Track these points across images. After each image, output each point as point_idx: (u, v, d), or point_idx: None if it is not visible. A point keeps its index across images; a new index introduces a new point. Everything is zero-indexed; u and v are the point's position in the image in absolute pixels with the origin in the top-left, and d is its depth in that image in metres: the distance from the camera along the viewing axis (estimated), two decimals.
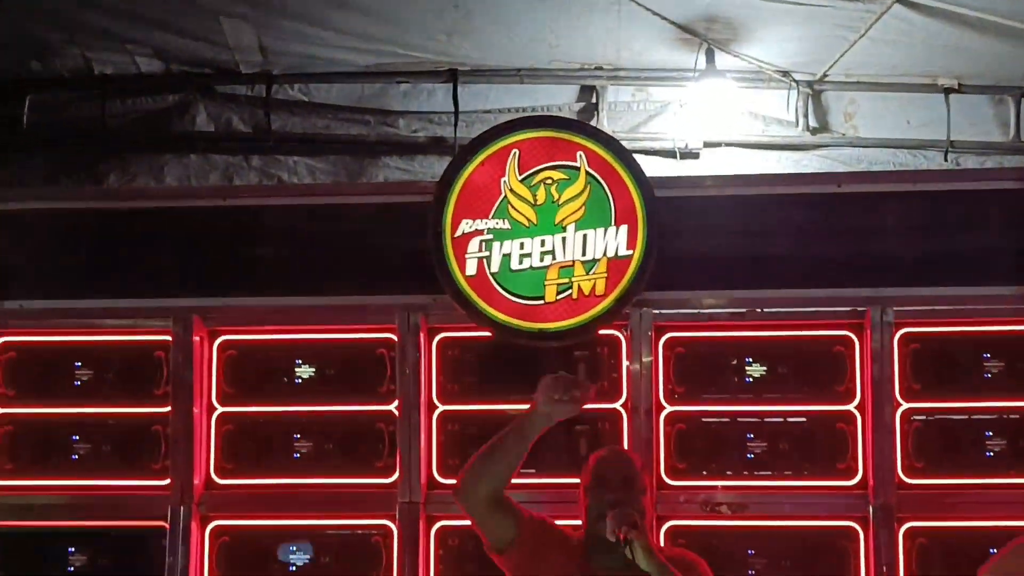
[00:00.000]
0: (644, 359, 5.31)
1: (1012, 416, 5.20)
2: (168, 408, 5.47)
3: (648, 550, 4.27)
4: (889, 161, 6.26)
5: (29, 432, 5.59)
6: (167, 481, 5.44)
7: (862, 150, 6.39)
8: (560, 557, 4.53)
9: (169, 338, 5.49)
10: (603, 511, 4.38)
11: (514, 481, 5.03)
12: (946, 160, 6.21)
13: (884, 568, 5.08)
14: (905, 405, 5.21)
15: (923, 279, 5.24)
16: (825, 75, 6.35)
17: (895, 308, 5.21)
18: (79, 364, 5.58)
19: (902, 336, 5.23)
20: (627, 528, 4.25)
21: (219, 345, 5.54)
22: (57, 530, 5.50)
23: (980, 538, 5.10)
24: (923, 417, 5.23)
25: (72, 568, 5.48)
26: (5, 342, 5.60)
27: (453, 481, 5.23)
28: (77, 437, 5.55)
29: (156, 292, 5.54)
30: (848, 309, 5.26)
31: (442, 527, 5.35)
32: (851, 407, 5.26)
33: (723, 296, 5.35)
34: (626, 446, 5.28)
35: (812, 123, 6.42)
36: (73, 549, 5.49)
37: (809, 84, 6.39)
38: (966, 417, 5.23)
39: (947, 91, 6.30)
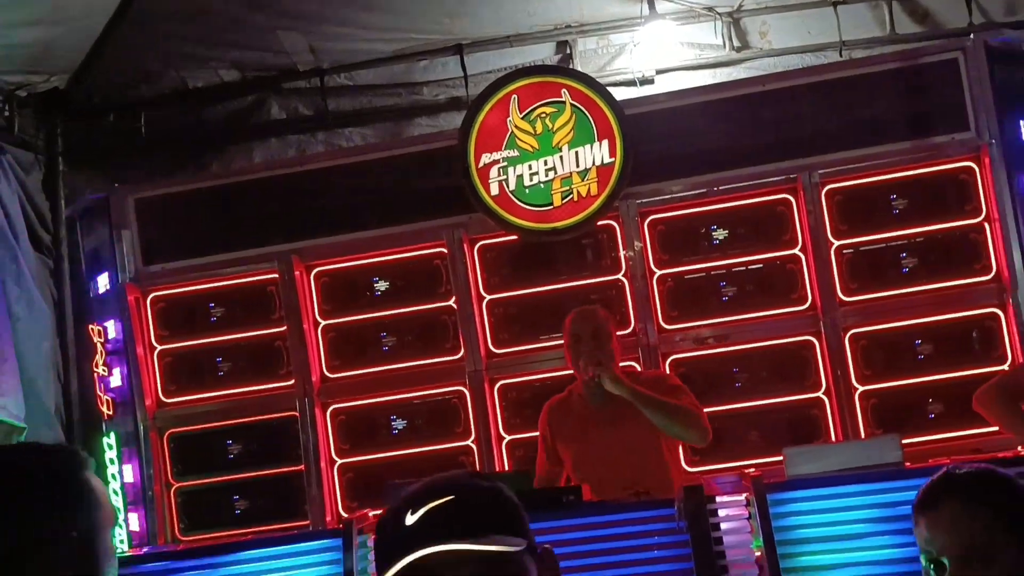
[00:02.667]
0: (634, 239, 5.39)
1: (918, 240, 5.24)
2: (284, 328, 5.59)
3: (614, 379, 4.24)
4: (798, 64, 6.22)
5: (183, 361, 5.73)
6: (292, 381, 5.58)
7: (777, 59, 6.32)
8: (572, 419, 4.49)
9: (276, 275, 5.60)
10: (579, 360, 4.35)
11: (552, 344, 5.19)
12: (841, 56, 6.19)
13: (837, 369, 5.19)
14: (837, 243, 5.26)
15: (837, 146, 5.28)
16: (741, 6, 6.31)
17: (819, 171, 5.25)
18: (212, 305, 5.71)
19: (827, 191, 5.27)
20: (593, 367, 4.26)
21: (315, 275, 5.65)
22: (216, 430, 5.67)
23: (907, 333, 5.22)
24: (852, 250, 5.27)
25: (232, 456, 5.66)
26: (155, 296, 5.73)
27: (506, 351, 5.43)
28: (220, 359, 5.69)
29: (261, 243, 5.66)
30: (783, 177, 5.30)
31: (502, 385, 5.48)
32: (796, 251, 5.33)
33: (687, 182, 5.38)
34: (629, 306, 5.38)
35: (736, 44, 6.38)
36: (230, 441, 5.66)
37: (729, 15, 6.35)
38: (884, 245, 5.27)
39: (835, 4, 6.23)
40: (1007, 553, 2.19)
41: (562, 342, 4.49)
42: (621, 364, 4.51)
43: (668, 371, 5.30)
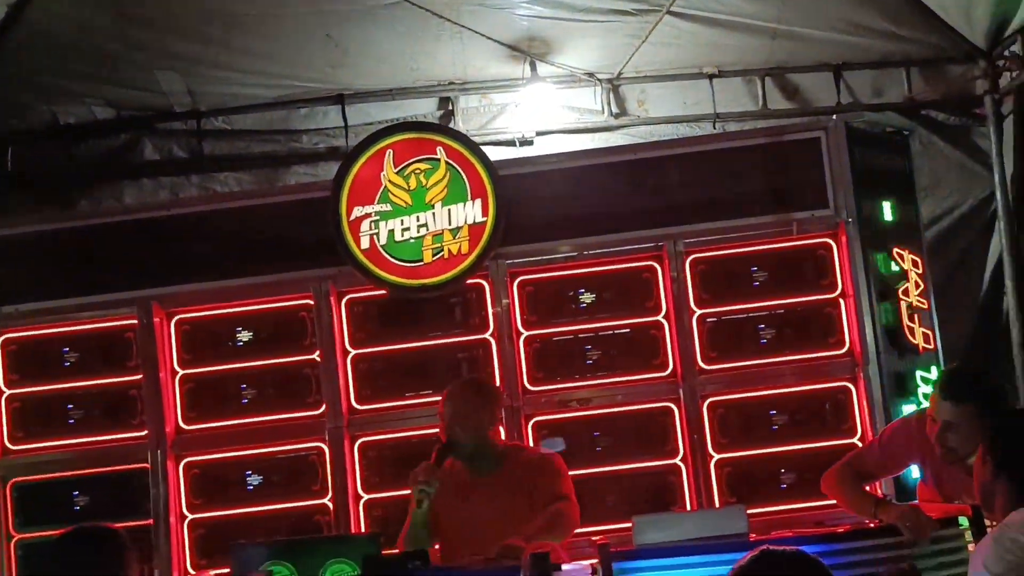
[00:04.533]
0: (503, 299, 5.38)
1: (777, 312, 5.33)
2: (140, 376, 5.44)
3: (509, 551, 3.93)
4: (673, 133, 6.35)
5: (33, 406, 5.52)
6: (145, 432, 5.41)
7: (653, 127, 6.46)
8: (453, 485, 4.35)
9: (135, 321, 5.46)
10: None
11: (416, 402, 5.19)
12: (714, 128, 6.33)
13: (694, 434, 5.23)
14: (699, 311, 5.31)
15: (704, 216, 5.35)
16: (620, 73, 6.41)
17: (684, 240, 5.31)
18: (67, 349, 5.52)
19: (692, 260, 5.33)
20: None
21: (175, 323, 5.51)
22: (63, 480, 5.46)
23: (762, 403, 5.29)
24: (713, 319, 5.34)
25: (78, 507, 5.44)
26: (6, 339, 5.53)
27: (369, 407, 5.37)
28: (71, 406, 5.50)
29: (123, 287, 5.50)
30: (650, 245, 5.35)
31: (363, 443, 5.39)
32: (659, 317, 5.36)
33: (559, 244, 5.41)
34: (495, 366, 5.35)
35: (614, 110, 6.48)
36: (77, 493, 5.46)
37: (609, 81, 6.44)
38: (744, 315, 5.34)
39: (711, 77, 6.40)
40: None
41: (425, 400, 4.43)
42: (501, 439, 4.49)
43: (530, 433, 5.29)
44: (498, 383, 5.31)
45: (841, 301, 5.26)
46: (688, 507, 5.17)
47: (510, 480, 4.31)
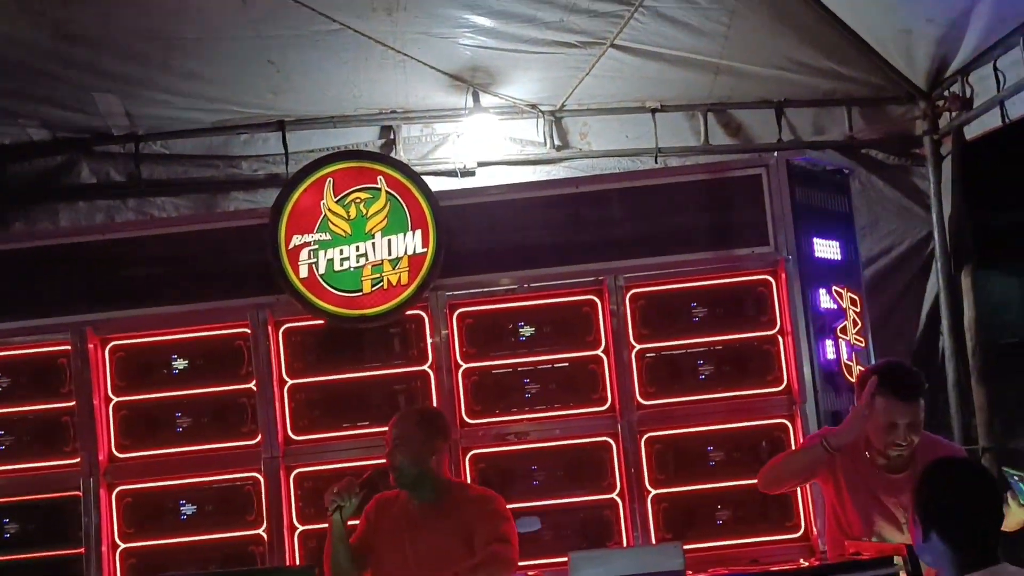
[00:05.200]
0: (442, 331, 5.35)
1: (716, 348, 5.34)
2: (73, 403, 5.35)
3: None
4: (615, 167, 6.39)
5: None
6: (77, 459, 5.32)
7: (594, 160, 6.51)
8: (395, 519, 4.39)
9: (68, 347, 5.37)
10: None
11: (353, 433, 5.15)
12: (656, 162, 6.38)
13: (632, 469, 5.22)
14: (638, 347, 5.32)
15: (644, 251, 5.36)
16: (563, 105, 6.45)
17: (624, 275, 5.32)
18: None
19: (632, 295, 5.34)
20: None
21: (110, 349, 5.43)
22: None
23: (700, 439, 5.29)
24: (652, 355, 5.34)
25: (8, 535, 5.34)
26: None
27: (305, 438, 5.32)
28: (2, 432, 5.40)
29: (57, 312, 5.41)
30: (591, 279, 5.35)
31: (299, 473, 5.33)
32: (599, 352, 5.36)
33: (499, 277, 5.38)
34: (433, 398, 5.32)
35: (556, 142, 6.51)
36: (7, 520, 5.35)
37: (552, 113, 6.48)
38: (683, 352, 5.35)
39: (653, 111, 6.46)
40: None
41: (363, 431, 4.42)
42: (445, 474, 4.44)
43: (468, 466, 5.27)
44: None
45: (780, 338, 5.29)
46: (624, 543, 5.16)
47: (449, 516, 4.29)
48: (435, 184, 5.68)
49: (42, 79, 6.05)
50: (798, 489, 5.11)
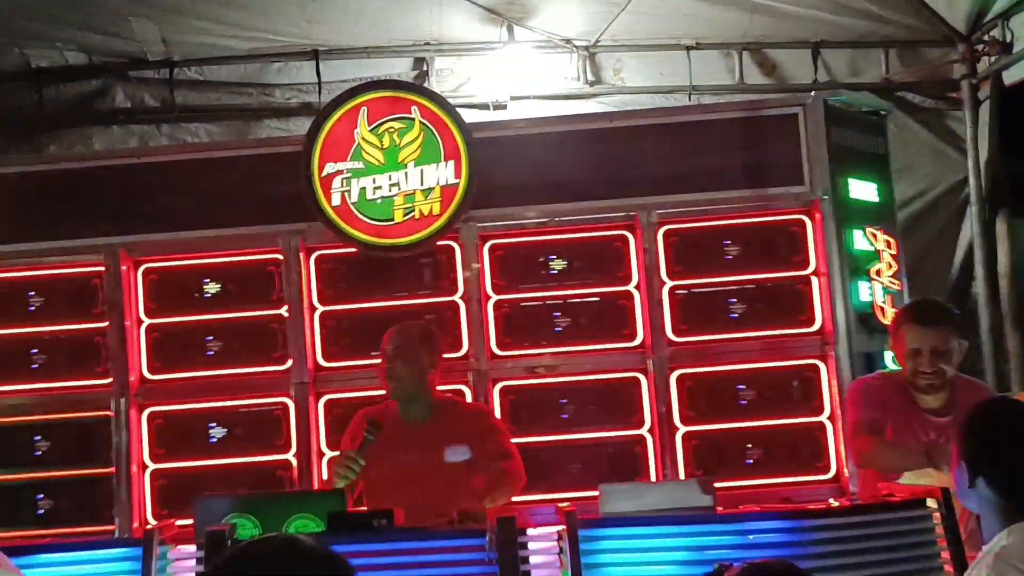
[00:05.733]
0: (473, 262, 5.30)
1: (749, 287, 5.28)
2: (106, 323, 5.32)
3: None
4: (648, 104, 6.28)
5: None
6: (109, 380, 5.30)
7: (628, 96, 6.39)
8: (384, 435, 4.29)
9: (102, 268, 5.33)
10: None
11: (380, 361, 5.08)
12: (690, 101, 6.27)
13: (662, 406, 5.18)
14: (670, 283, 5.25)
15: (677, 188, 5.28)
16: (598, 41, 6.33)
17: (657, 211, 5.24)
18: (32, 293, 5.39)
19: (664, 232, 5.27)
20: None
21: (143, 272, 5.39)
22: (23, 424, 5.34)
23: (730, 378, 5.24)
24: (684, 292, 5.28)
25: (39, 452, 5.34)
26: None
27: (335, 365, 5.29)
28: (36, 351, 5.38)
29: (90, 234, 5.37)
30: (623, 214, 5.28)
31: (328, 400, 5.31)
32: (630, 287, 5.30)
33: (530, 210, 5.32)
34: (463, 328, 5.28)
35: (590, 78, 6.40)
36: (39, 438, 5.35)
37: (586, 49, 6.37)
38: (715, 289, 5.29)
39: (688, 49, 6.34)
40: None
41: None
42: (441, 388, 4.43)
43: (497, 397, 5.23)
44: (466, 347, 5.27)
45: (813, 279, 5.21)
46: (653, 479, 5.13)
47: (443, 433, 4.27)
48: (467, 117, 5.56)
49: (81, 3, 5.97)
50: (829, 430, 5.07)
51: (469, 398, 5.20)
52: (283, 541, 1.87)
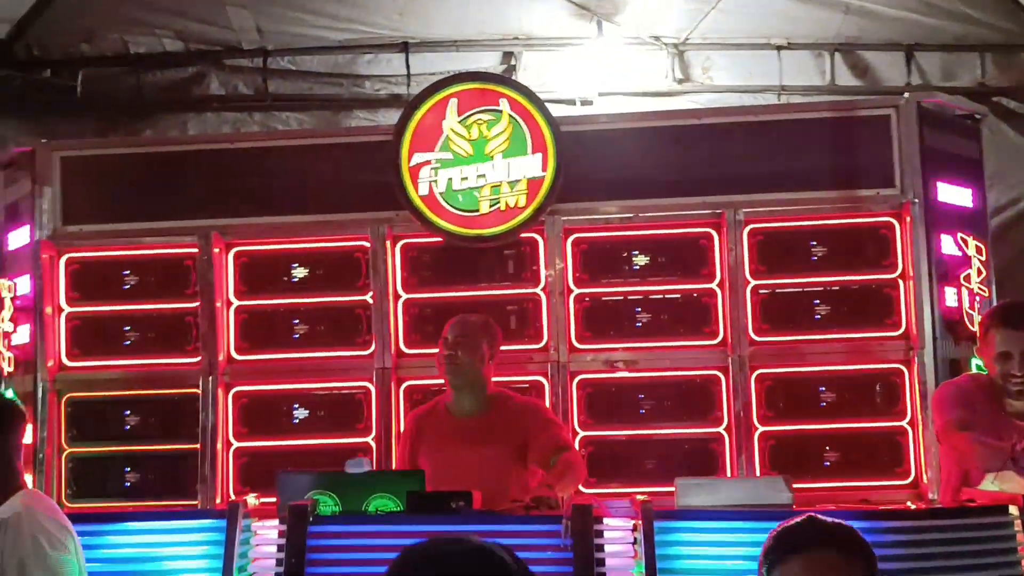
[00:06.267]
0: (556, 255, 5.32)
1: (833, 288, 5.23)
2: (197, 303, 5.44)
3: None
4: (736, 103, 6.26)
5: (90, 326, 5.53)
6: (198, 359, 5.42)
7: (716, 95, 6.39)
8: (436, 431, 4.45)
9: (195, 250, 5.45)
10: None
11: None
12: (779, 100, 6.24)
13: (740, 405, 5.15)
14: (753, 282, 5.22)
15: (764, 187, 5.25)
16: (687, 39, 6.33)
17: (744, 210, 5.21)
18: (127, 272, 5.53)
19: (750, 231, 5.23)
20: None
21: (234, 254, 5.50)
22: (115, 399, 5.49)
23: (812, 379, 5.20)
24: (767, 291, 5.25)
25: (128, 427, 5.49)
26: (70, 258, 5.54)
27: (416, 352, 5.35)
28: (128, 328, 5.51)
29: (184, 216, 5.49)
30: (708, 212, 5.26)
31: (409, 386, 5.37)
32: (713, 285, 5.28)
33: (615, 205, 5.33)
34: (544, 321, 5.31)
35: (678, 76, 6.40)
36: (128, 412, 5.49)
37: (675, 46, 6.37)
38: (799, 290, 5.25)
39: (779, 48, 6.31)
40: None
41: None
42: (520, 379, 4.46)
43: (575, 390, 5.25)
44: (546, 339, 5.29)
45: (900, 282, 5.14)
46: (729, 477, 5.10)
47: (496, 426, 4.32)
48: (554, 111, 5.59)
49: None
50: (910, 435, 5.01)
51: (547, 390, 5.23)
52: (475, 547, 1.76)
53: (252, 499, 3.75)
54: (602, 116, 5.79)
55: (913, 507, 3.84)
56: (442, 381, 4.61)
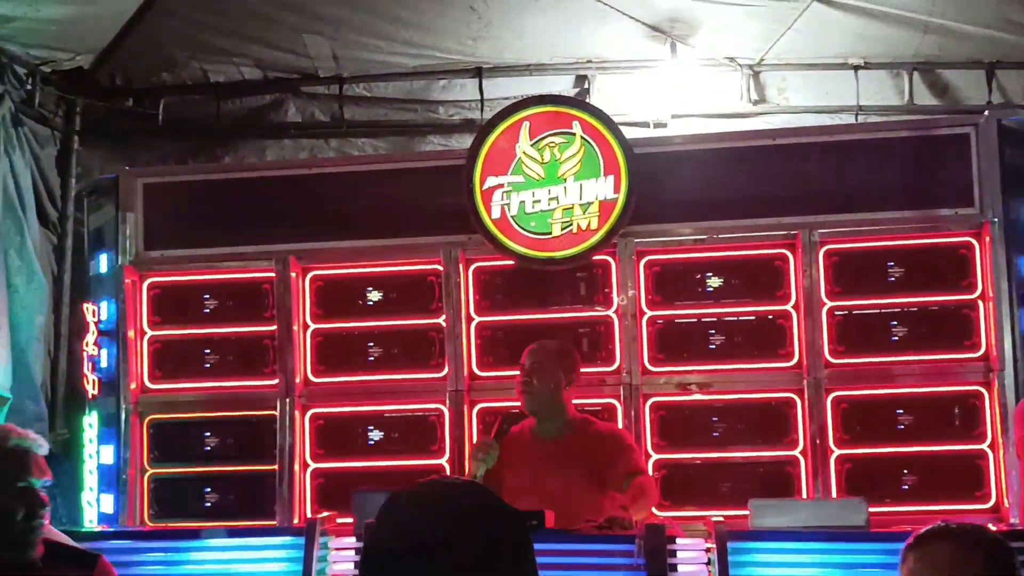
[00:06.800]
0: (628, 277, 5.35)
1: (911, 310, 5.20)
2: (274, 327, 5.55)
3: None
4: (813, 123, 6.25)
5: (172, 348, 5.68)
6: (276, 381, 5.53)
7: (792, 116, 6.36)
8: (521, 452, 4.49)
9: (273, 274, 5.56)
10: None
11: None
12: (856, 119, 6.20)
13: (816, 428, 5.13)
14: (829, 304, 5.21)
15: (840, 207, 5.24)
16: (762, 59, 6.33)
17: (819, 231, 5.20)
18: (207, 296, 5.67)
19: (825, 252, 5.22)
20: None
21: (310, 278, 5.62)
22: (196, 420, 5.63)
23: (889, 402, 5.16)
24: (844, 312, 5.23)
25: (208, 448, 5.62)
26: (152, 283, 5.70)
27: (489, 374, 5.41)
28: (208, 350, 5.65)
29: (262, 241, 5.62)
30: (783, 233, 5.26)
31: (482, 408, 5.43)
32: (788, 307, 5.27)
33: (688, 227, 5.35)
34: (617, 343, 5.34)
35: (753, 96, 6.40)
36: (208, 434, 5.62)
37: (750, 67, 6.37)
38: (876, 312, 5.22)
39: (855, 68, 6.27)
40: None
41: None
42: (592, 401, 4.50)
43: (648, 413, 5.27)
44: (618, 361, 5.31)
45: (980, 303, 5.09)
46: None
47: (575, 450, 4.38)
48: (627, 134, 5.64)
49: (257, 20, 6.30)
50: (990, 458, 4.94)
51: (620, 412, 5.25)
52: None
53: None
54: (676, 137, 5.81)
55: (994, 528, 3.77)
56: (518, 404, 4.66)
